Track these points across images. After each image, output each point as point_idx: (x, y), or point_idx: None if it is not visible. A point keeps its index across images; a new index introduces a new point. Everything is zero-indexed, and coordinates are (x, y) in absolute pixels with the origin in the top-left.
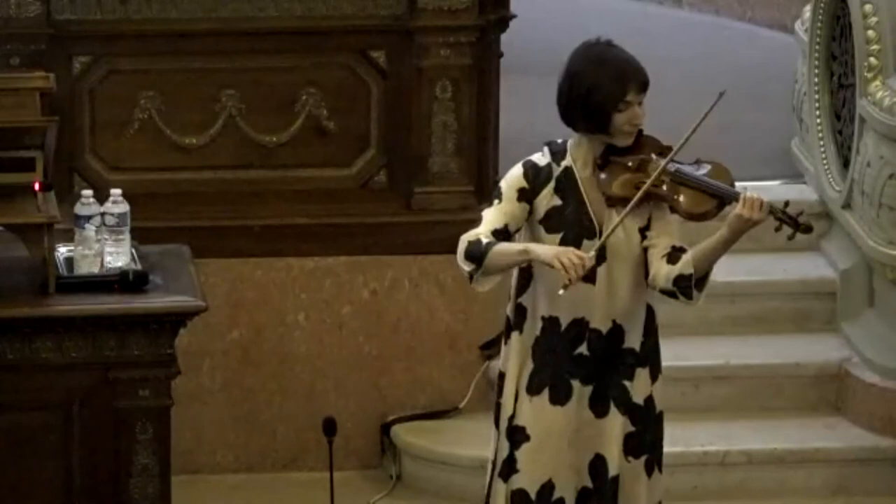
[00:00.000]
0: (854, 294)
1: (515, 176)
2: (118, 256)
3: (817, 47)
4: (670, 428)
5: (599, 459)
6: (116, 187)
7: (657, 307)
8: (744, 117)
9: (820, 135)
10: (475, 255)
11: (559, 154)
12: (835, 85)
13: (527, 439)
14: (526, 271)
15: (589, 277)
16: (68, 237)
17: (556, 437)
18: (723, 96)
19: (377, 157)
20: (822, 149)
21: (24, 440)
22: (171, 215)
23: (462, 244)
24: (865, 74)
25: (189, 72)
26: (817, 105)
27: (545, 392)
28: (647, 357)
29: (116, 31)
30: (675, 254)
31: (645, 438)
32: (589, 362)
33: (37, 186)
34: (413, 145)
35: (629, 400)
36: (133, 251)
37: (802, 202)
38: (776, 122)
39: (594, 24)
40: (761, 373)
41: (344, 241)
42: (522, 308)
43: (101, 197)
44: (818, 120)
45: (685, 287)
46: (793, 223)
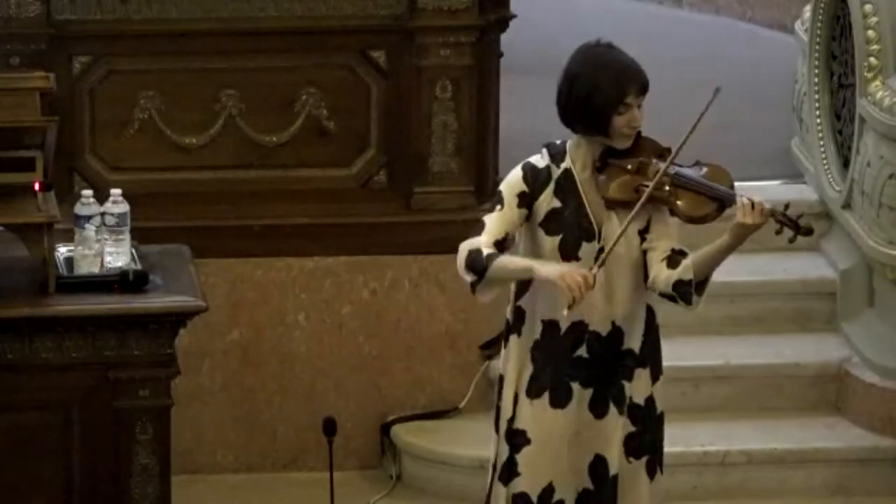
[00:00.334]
0: (854, 294)
1: (515, 179)
2: (118, 256)
3: (817, 47)
4: (670, 428)
5: (599, 460)
6: (116, 187)
7: (657, 308)
8: (744, 117)
9: (820, 135)
10: (476, 267)
11: (558, 155)
12: (835, 85)
13: (527, 443)
14: None
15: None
16: (68, 237)
17: (557, 441)
18: (718, 92)
19: (377, 157)
20: (822, 149)
21: (24, 440)
22: (171, 215)
23: (462, 253)
24: (865, 74)
25: (189, 72)
26: (817, 105)
27: (545, 395)
28: (647, 358)
29: (116, 31)
30: (675, 257)
31: (645, 439)
32: (589, 365)
33: (37, 186)
34: (413, 145)
35: (628, 400)
36: (133, 251)
37: (802, 202)
38: (776, 122)
39: (594, 25)
40: (761, 373)
41: (344, 241)
42: (521, 311)
43: (101, 197)
44: (818, 120)
45: (684, 292)
46: (793, 226)
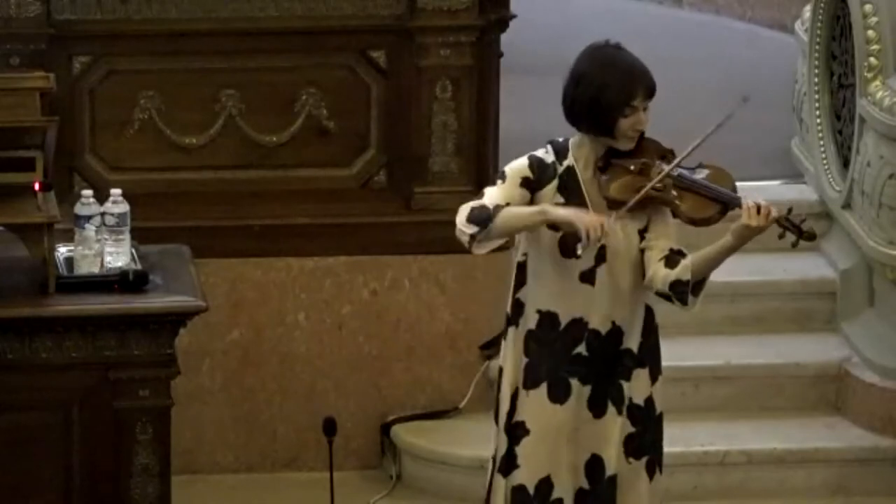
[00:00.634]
0: (854, 294)
1: (521, 165)
2: (118, 256)
3: (817, 47)
4: (670, 428)
5: (596, 460)
6: (116, 187)
7: (656, 307)
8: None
9: (820, 135)
10: (481, 218)
11: (561, 153)
12: (835, 85)
13: (526, 434)
14: (523, 267)
15: (589, 278)
16: (68, 237)
17: (556, 434)
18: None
19: (377, 157)
20: (822, 149)
21: (24, 440)
22: (171, 215)
23: (464, 210)
24: (865, 74)
25: (189, 72)
26: (817, 105)
27: (543, 388)
28: (646, 358)
29: (116, 31)
30: (674, 257)
31: (645, 439)
32: (587, 362)
33: (37, 186)
34: (413, 145)
35: (627, 400)
36: (133, 251)
37: (802, 202)
38: (776, 122)
39: (594, 25)
40: (761, 373)
41: (344, 241)
42: (520, 303)
43: (101, 197)
44: (818, 120)
45: (681, 292)
46: (796, 230)
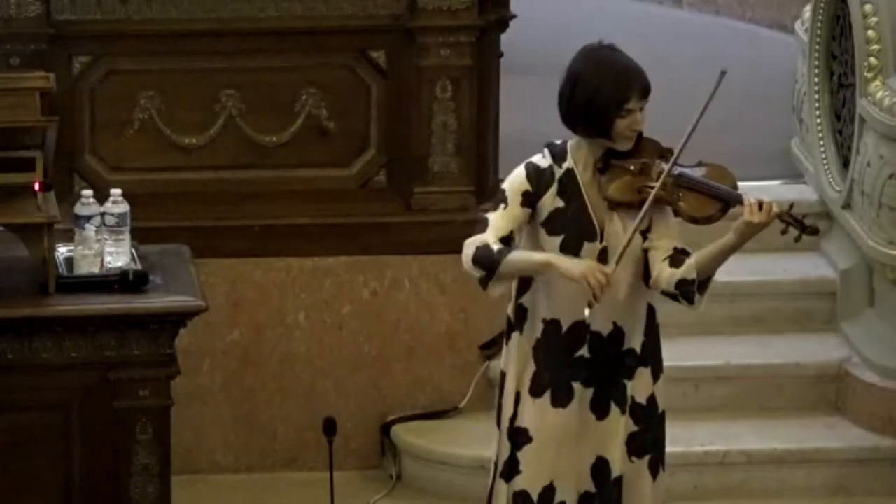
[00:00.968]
0: (854, 294)
1: (519, 179)
2: (118, 256)
3: (817, 47)
4: (671, 428)
5: (601, 462)
6: (116, 187)
7: (658, 307)
8: (744, 117)
9: (820, 135)
10: (486, 263)
11: (560, 155)
12: (835, 85)
13: (529, 441)
14: None
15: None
16: (68, 237)
17: (558, 439)
18: (724, 76)
19: (377, 157)
20: (822, 149)
21: (24, 440)
22: (171, 215)
23: (469, 248)
24: (865, 74)
25: (189, 72)
26: (817, 105)
27: (547, 394)
28: (648, 357)
29: (116, 31)
30: (678, 256)
31: (648, 438)
32: (590, 364)
33: (37, 186)
34: (413, 145)
35: (630, 399)
36: (133, 251)
37: (802, 202)
38: (776, 122)
39: (594, 25)
40: (761, 373)
41: (344, 241)
42: (523, 308)
43: (101, 197)
44: (818, 120)
45: (687, 291)
46: (799, 225)
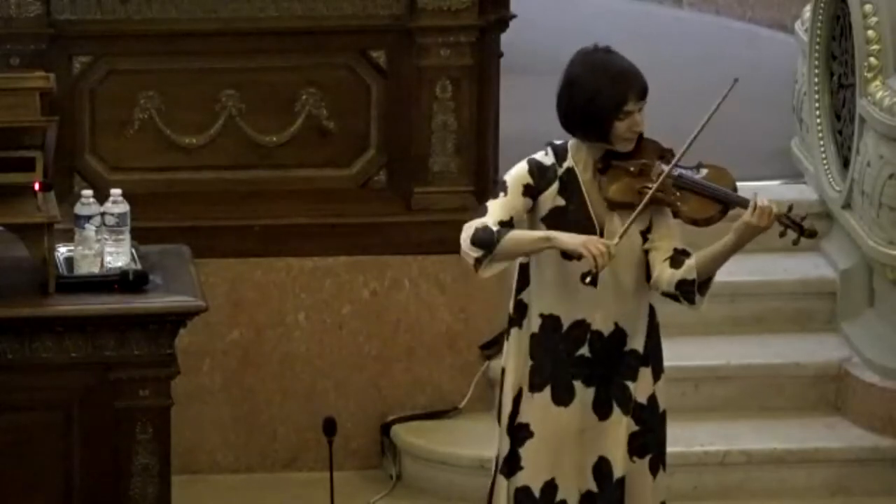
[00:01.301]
0: (854, 294)
1: (521, 172)
2: (118, 256)
3: (817, 47)
4: (670, 428)
5: (603, 462)
6: (116, 187)
7: (659, 307)
8: (744, 117)
9: (820, 135)
10: (485, 242)
11: (561, 154)
12: (835, 85)
13: (530, 436)
14: (525, 268)
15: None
16: (68, 237)
17: (560, 437)
18: (736, 83)
19: (377, 157)
20: (822, 149)
21: (24, 440)
22: (171, 215)
23: (468, 230)
24: (865, 74)
25: (189, 72)
26: (817, 105)
27: (547, 391)
28: (650, 357)
29: (116, 31)
30: (678, 257)
31: (649, 437)
32: (591, 363)
33: (37, 186)
34: (413, 145)
35: (632, 400)
36: (133, 251)
37: (802, 202)
38: (776, 122)
39: (594, 25)
40: (761, 373)
41: (344, 241)
42: (523, 304)
43: (101, 197)
44: (818, 120)
45: (687, 292)
46: (797, 228)
